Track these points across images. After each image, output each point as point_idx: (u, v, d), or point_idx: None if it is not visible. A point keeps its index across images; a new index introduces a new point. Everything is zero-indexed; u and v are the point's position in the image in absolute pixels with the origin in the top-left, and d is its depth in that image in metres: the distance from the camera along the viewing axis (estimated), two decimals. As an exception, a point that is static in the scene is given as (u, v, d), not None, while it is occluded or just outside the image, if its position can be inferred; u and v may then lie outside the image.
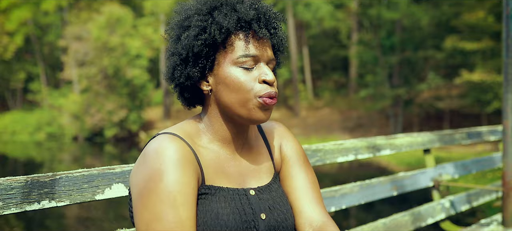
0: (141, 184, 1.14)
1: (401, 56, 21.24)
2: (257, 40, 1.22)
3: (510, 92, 2.94)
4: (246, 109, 1.21)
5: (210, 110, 1.28)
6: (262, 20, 1.22)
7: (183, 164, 1.14)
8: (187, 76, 1.24)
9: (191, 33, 1.20)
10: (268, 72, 1.21)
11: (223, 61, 1.21)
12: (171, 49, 1.27)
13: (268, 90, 1.20)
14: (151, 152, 1.16)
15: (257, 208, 1.22)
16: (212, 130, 1.28)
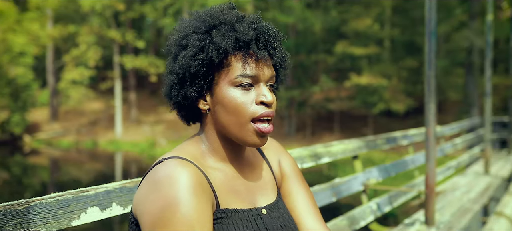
0: (156, 213, 1.07)
1: (295, 59, 22.04)
2: (256, 60, 1.19)
3: (431, 102, 3.19)
4: (241, 133, 1.19)
5: (207, 129, 1.26)
6: (261, 41, 1.19)
7: (199, 191, 1.09)
8: (184, 96, 1.21)
9: (188, 53, 1.17)
10: (266, 93, 1.19)
11: (221, 82, 1.18)
12: (169, 67, 1.23)
13: (264, 110, 1.18)
14: (163, 178, 1.10)
15: (271, 228, 1.21)
16: (213, 150, 1.26)
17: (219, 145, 1.25)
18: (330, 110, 22.24)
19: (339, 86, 21.89)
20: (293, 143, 21.24)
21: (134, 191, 1.70)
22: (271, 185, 1.34)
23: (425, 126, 3.28)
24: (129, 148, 22.76)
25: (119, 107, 25.53)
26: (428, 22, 3.20)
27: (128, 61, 25.27)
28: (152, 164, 1.20)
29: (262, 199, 1.28)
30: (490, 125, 5.80)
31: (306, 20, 20.77)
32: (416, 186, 4.03)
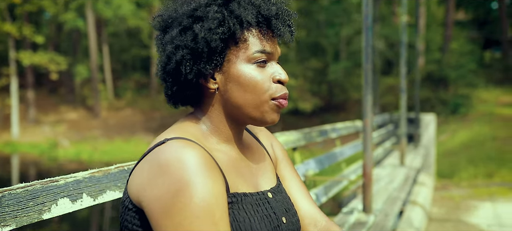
0: (168, 199, 0.96)
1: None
2: (270, 37, 1.15)
3: (369, 94, 3.29)
4: (259, 111, 1.13)
5: (212, 110, 1.17)
6: (281, 18, 1.15)
7: (213, 173, 1.01)
8: (198, 72, 1.11)
9: (207, 25, 1.08)
10: (281, 71, 1.15)
11: (235, 58, 1.12)
12: (176, 41, 1.11)
13: (283, 91, 1.15)
14: (172, 160, 0.99)
15: (278, 212, 1.17)
16: (216, 131, 1.18)
17: (225, 126, 1.17)
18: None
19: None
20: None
21: (103, 181, 1.58)
22: (271, 168, 1.29)
23: (362, 117, 3.38)
24: (28, 150, 21.30)
25: (15, 106, 23.85)
26: (365, 18, 3.30)
27: (25, 57, 23.69)
28: (152, 145, 1.10)
29: (265, 183, 1.23)
30: (405, 120, 6.14)
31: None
32: (345, 176, 4.16)
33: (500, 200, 6.92)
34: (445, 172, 8.76)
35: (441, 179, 8.34)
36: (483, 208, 6.45)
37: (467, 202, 6.80)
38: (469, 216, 6.05)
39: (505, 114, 17.55)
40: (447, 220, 5.86)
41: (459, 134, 14.36)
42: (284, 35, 1.17)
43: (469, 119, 16.79)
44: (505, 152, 10.90)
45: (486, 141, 12.45)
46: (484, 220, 5.82)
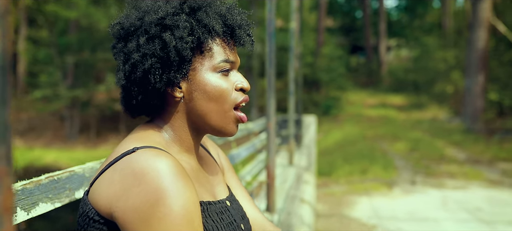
0: (146, 210, 0.93)
1: (78, 57, 20.83)
2: (232, 46, 1.17)
3: (272, 97, 3.40)
4: (222, 121, 1.15)
5: (174, 119, 1.15)
6: (243, 28, 1.18)
7: (187, 181, 1.00)
8: (167, 81, 1.09)
9: (178, 34, 1.07)
10: (243, 79, 1.18)
11: (201, 67, 1.12)
12: (143, 50, 1.08)
13: (243, 97, 1.17)
14: (147, 169, 0.96)
15: (237, 219, 1.19)
16: (178, 140, 1.16)
17: (188, 135, 1.16)
18: (116, 111, 21.62)
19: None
20: (77, 145, 20.07)
21: (35, 192, 1.46)
22: (222, 178, 1.31)
23: (266, 119, 3.48)
24: None
25: None
26: (269, 24, 3.40)
27: None
28: (118, 154, 1.05)
29: (221, 192, 1.24)
30: (293, 121, 6.42)
31: (91, 16, 19.81)
32: (242, 178, 4.25)
33: (375, 194, 7.53)
34: (324, 170, 9.30)
35: (321, 176, 8.84)
36: (361, 202, 6.97)
37: (347, 197, 7.30)
38: (351, 210, 6.51)
39: (371, 115, 19.13)
40: (332, 215, 6.24)
41: (333, 133, 15.33)
42: (246, 45, 1.20)
43: (340, 120, 18.01)
44: (375, 149, 11.88)
45: (358, 140, 13.45)
46: (364, 213, 6.30)
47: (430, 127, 16.08)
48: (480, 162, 10.55)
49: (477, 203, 6.80)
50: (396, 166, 10.07)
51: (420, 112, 19.78)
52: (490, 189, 7.86)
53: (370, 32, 30.83)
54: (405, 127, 16.08)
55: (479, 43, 16.10)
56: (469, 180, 8.59)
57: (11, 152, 0.51)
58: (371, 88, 26.40)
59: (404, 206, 6.70)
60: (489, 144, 12.56)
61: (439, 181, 8.48)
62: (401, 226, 5.63)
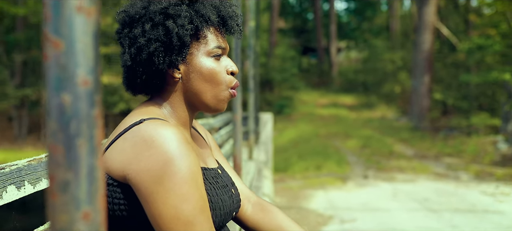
0: (158, 169, 1.10)
1: (27, 55, 20.24)
2: (223, 34, 1.34)
3: (238, 91, 3.57)
4: (216, 99, 1.31)
5: (173, 97, 1.32)
6: (234, 18, 1.35)
7: (189, 146, 1.17)
8: (169, 63, 1.26)
9: (180, 22, 1.23)
10: (233, 64, 1.34)
11: (197, 52, 1.28)
12: (149, 35, 1.24)
13: (235, 81, 1.35)
14: (155, 135, 1.13)
15: (228, 184, 1.35)
16: (175, 115, 1.32)
17: (184, 111, 1.32)
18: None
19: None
20: (26, 146, 19.48)
21: (38, 169, 1.59)
22: (211, 153, 1.47)
23: (232, 113, 3.64)
24: None
25: None
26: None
27: None
28: (127, 125, 1.20)
29: (211, 162, 1.40)
30: (253, 118, 6.60)
31: (40, 13, 19.29)
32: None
33: (329, 188, 7.82)
34: (280, 166, 9.54)
35: (277, 172, 9.07)
36: (318, 195, 7.24)
37: (303, 191, 7.56)
38: (308, 203, 6.76)
39: (324, 114, 19.61)
40: (290, 207, 6.47)
41: (287, 132, 15.64)
42: (235, 33, 1.38)
43: (293, 119, 18.38)
44: (328, 147, 12.25)
45: (311, 138, 13.80)
46: (320, 205, 6.57)
47: (380, 125, 16.69)
48: (427, 157, 11.11)
49: (425, 194, 7.21)
50: (349, 161, 10.45)
51: (370, 112, 20.45)
52: (436, 181, 8.33)
53: (321, 33, 31.48)
54: (356, 126, 16.61)
55: (424, 45, 16.85)
56: (417, 173, 9.05)
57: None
58: (322, 88, 27.00)
59: (358, 198, 7.01)
60: (435, 141, 13.20)
61: (389, 175, 8.89)
62: (356, 216, 5.92)
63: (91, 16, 0.61)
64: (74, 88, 0.60)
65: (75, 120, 0.61)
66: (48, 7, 0.60)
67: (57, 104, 0.61)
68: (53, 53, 0.60)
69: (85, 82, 0.60)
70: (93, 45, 0.61)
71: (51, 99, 0.61)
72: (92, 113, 0.62)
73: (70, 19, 0.60)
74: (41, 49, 19.36)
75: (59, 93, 0.61)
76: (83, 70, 0.60)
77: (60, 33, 0.60)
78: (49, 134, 0.61)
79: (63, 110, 0.61)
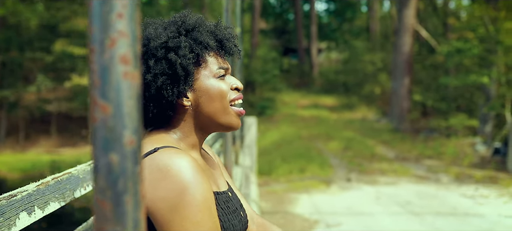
0: (173, 198, 1.16)
1: (5, 56, 19.92)
2: (223, 55, 1.41)
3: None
4: (227, 117, 1.36)
5: (184, 124, 1.37)
6: (230, 40, 1.42)
7: (203, 174, 1.23)
8: (178, 93, 1.31)
9: (182, 53, 1.28)
10: (237, 81, 1.41)
11: (202, 76, 1.34)
12: (154, 70, 1.29)
13: (237, 94, 1.39)
14: (171, 165, 1.18)
15: (238, 208, 1.41)
16: (185, 140, 1.37)
17: (195, 135, 1.36)
18: (46, 112, 20.87)
19: (58, 86, 20.76)
20: (5, 149, 19.19)
21: (46, 193, 1.62)
22: (221, 173, 1.52)
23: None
24: None
25: None
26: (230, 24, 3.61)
27: None
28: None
29: (221, 184, 1.45)
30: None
31: (19, 14, 19.03)
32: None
33: (314, 191, 7.92)
34: (264, 169, 9.60)
35: (262, 175, 9.14)
36: (302, 199, 7.33)
37: (288, 195, 7.63)
38: (293, 207, 6.84)
39: (305, 116, 19.73)
40: (276, 212, 6.54)
41: (269, 134, 15.71)
42: (234, 54, 1.45)
43: (275, 120, 18.47)
44: (311, 149, 12.36)
45: (294, 140, 13.90)
46: (306, 210, 6.65)
47: (361, 127, 16.88)
48: (407, 159, 11.30)
49: (407, 197, 7.35)
50: (332, 164, 10.57)
51: (351, 113, 20.66)
52: (418, 184, 8.50)
53: (302, 34, 31.65)
54: (337, 127, 16.77)
55: (404, 48, 17.09)
56: (398, 176, 9.21)
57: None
58: (303, 89, 27.16)
59: (342, 201, 7.12)
60: (415, 143, 13.42)
61: (372, 178, 9.03)
62: (341, 220, 6.02)
63: (135, 80, 0.66)
64: (121, 149, 0.65)
65: (122, 177, 0.65)
66: (96, 74, 0.65)
67: (105, 163, 0.66)
68: (101, 116, 0.65)
69: (131, 142, 0.65)
70: (137, 107, 0.66)
71: (99, 158, 0.66)
72: (137, 171, 0.67)
73: (117, 85, 0.65)
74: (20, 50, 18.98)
75: (107, 153, 0.65)
76: (129, 131, 0.65)
77: (107, 98, 0.65)
78: (97, 190, 0.66)
79: (111, 169, 0.65)
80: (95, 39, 0.65)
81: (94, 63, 0.65)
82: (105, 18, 0.64)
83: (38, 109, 20.78)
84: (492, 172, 9.46)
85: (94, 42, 0.65)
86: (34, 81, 20.49)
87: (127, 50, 0.65)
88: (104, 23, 0.64)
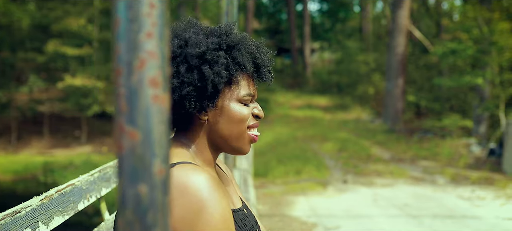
0: (192, 217, 1.12)
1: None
2: (254, 80, 1.36)
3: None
4: (240, 142, 1.32)
5: (199, 138, 1.32)
6: (267, 66, 1.36)
7: (221, 192, 1.19)
8: (200, 107, 1.26)
9: (217, 69, 1.22)
10: (260, 109, 1.36)
11: (228, 97, 1.29)
12: (183, 78, 1.22)
13: (256, 121, 1.35)
14: (187, 183, 1.14)
15: (254, 225, 1.37)
16: (201, 155, 1.33)
17: (208, 151, 1.32)
18: (38, 113, 20.69)
19: (50, 87, 20.60)
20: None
21: (49, 207, 1.57)
22: (234, 189, 1.48)
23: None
24: None
25: None
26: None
27: None
28: None
29: (236, 201, 1.41)
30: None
31: (11, 14, 18.85)
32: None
33: (310, 193, 7.88)
34: (260, 171, 9.55)
35: (258, 177, 9.09)
36: (299, 202, 7.29)
37: (285, 197, 7.59)
38: (290, 210, 6.80)
39: (299, 116, 19.70)
40: (273, 215, 6.49)
41: (264, 134, 15.65)
42: (267, 81, 1.39)
43: (269, 121, 18.40)
44: (306, 150, 12.33)
45: (289, 141, 13.86)
46: (303, 212, 6.61)
47: (355, 127, 16.87)
48: (403, 160, 11.29)
49: (405, 199, 7.33)
50: (328, 165, 10.55)
51: (345, 113, 20.66)
52: (414, 185, 8.49)
53: (295, 34, 31.62)
54: (331, 128, 16.76)
55: (398, 48, 17.11)
56: (395, 177, 9.20)
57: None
58: (297, 89, 27.13)
59: (339, 204, 7.09)
60: (410, 143, 13.42)
61: (368, 180, 9.01)
62: (339, 223, 5.98)
63: (165, 104, 0.61)
64: (150, 179, 0.60)
65: (152, 210, 0.60)
66: (123, 99, 0.60)
67: (133, 195, 0.61)
68: (129, 144, 0.60)
69: (160, 171, 0.60)
70: (167, 133, 0.61)
71: (127, 189, 0.61)
72: (166, 202, 0.62)
73: (146, 109, 0.60)
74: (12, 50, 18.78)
75: (136, 184, 0.60)
76: (159, 160, 0.60)
77: (136, 124, 0.60)
78: (124, 223, 0.61)
79: (139, 201, 0.60)
80: (121, 60, 0.59)
81: (121, 87, 0.60)
82: (134, 38, 0.59)
83: (31, 110, 20.60)
84: (488, 173, 9.47)
85: (120, 63, 0.59)
86: (26, 82, 20.33)
87: (157, 72, 0.60)
88: (132, 43, 0.59)
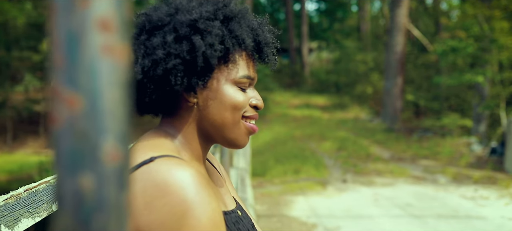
0: (174, 223, 0.92)
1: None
2: (254, 62, 1.16)
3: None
4: (235, 132, 1.13)
5: (187, 126, 1.12)
6: (271, 46, 1.17)
7: (209, 190, 1.00)
8: (187, 85, 1.05)
9: (210, 40, 1.03)
10: (259, 98, 1.17)
11: (222, 77, 1.09)
12: (169, 48, 1.03)
13: (254, 113, 1.16)
14: (169, 181, 0.94)
15: (250, 228, 1.19)
16: (188, 148, 1.14)
17: (197, 143, 1.13)
18: (34, 112, 20.51)
19: (46, 86, 20.40)
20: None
21: (16, 208, 1.37)
22: (227, 188, 1.30)
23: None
24: None
25: None
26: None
27: None
28: (135, 163, 1.00)
29: (229, 202, 1.23)
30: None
31: (6, 12, 18.65)
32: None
33: (310, 193, 7.70)
34: (258, 170, 9.38)
35: (256, 177, 8.91)
36: (298, 201, 7.10)
37: (283, 197, 7.41)
38: (289, 210, 6.61)
39: (297, 115, 19.55)
40: (272, 215, 6.30)
41: (262, 134, 15.49)
42: (270, 63, 1.20)
43: (268, 120, 18.24)
44: (304, 149, 12.15)
45: (287, 140, 13.70)
46: (302, 213, 6.43)
47: (354, 127, 16.72)
48: (403, 159, 11.13)
49: (406, 198, 7.15)
50: (326, 165, 10.37)
51: (343, 113, 20.51)
52: (415, 185, 8.31)
53: (293, 34, 31.48)
54: (330, 127, 16.59)
55: (397, 47, 16.96)
56: (395, 177, 9.03)
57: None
58: (295, 89, 27.00)
59: (339, 204, 6.91)
60: (409, 142, 13.27)
61: (368, 179, 8.83)
62: (339, 224, 5.80)
63: (122, 59, 0.42)
64: (97, 166, 0.43)
65: (100, 212, 0.42)
66: (59, 47, 0.42)
67: (72, 191, 0.43)
68: (67, 115, 0.42)
69: (113, 156, 0.42)
70: (124, 102, 0.43)
71: (63, 183, 0.43)
72: (122, 200, 0.43)
73: (92, 64, 0.42)
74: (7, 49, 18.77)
75: (76, 175, 0.43)
76: (112, 139, 0.42)
77: (77, 85, 0.42)
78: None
79: (81, 200, 0.43)
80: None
81: (56, 31, 0.42)
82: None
83: (26, 110, 20.42)
84: (490, 172, 9.31)
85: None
86: (21, 81, 20.12)
87: (110, 11, 0.42)
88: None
